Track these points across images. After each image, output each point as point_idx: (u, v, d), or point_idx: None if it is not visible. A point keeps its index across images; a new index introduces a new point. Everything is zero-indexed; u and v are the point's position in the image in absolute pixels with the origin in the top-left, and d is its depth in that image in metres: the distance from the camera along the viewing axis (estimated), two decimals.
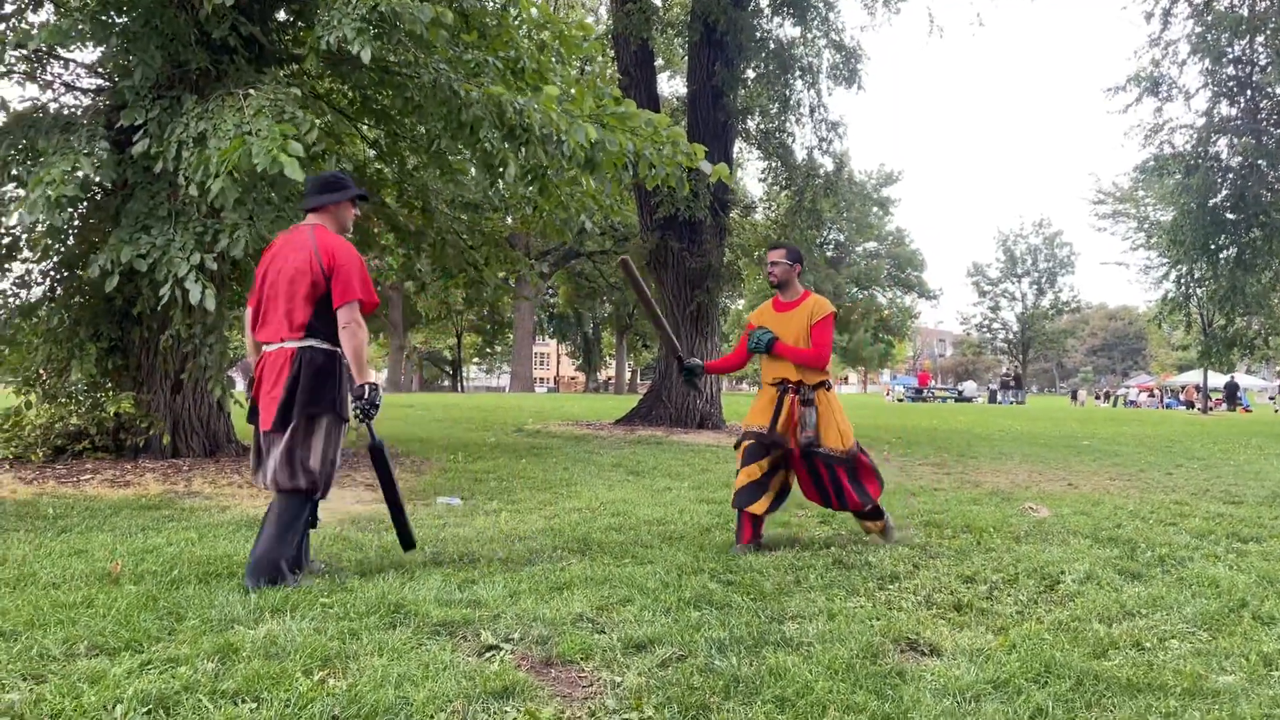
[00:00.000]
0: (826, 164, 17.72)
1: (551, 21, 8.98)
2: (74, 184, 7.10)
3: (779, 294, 5.72)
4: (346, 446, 10.57)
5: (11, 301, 9.12)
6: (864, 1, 30.06)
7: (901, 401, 46.44)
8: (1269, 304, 23.46)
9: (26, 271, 9.23)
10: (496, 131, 7.98)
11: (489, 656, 3.35)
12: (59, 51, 8.87)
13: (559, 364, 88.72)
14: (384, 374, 56.16)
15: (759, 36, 16.29)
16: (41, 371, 9.10)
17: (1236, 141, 21.05)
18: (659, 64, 22.76)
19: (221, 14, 8.04)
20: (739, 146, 20.90)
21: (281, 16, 9.68)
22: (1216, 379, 43.89)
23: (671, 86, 30.13)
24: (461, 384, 67.19)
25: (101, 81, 9.34)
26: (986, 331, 77.93)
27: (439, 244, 11.27)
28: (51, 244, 8.98)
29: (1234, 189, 21.31)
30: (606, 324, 63.55)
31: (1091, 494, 8.38)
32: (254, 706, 2.80)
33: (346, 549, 5.18)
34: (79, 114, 8.72)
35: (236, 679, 2.98)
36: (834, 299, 42.24)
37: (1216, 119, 21.39)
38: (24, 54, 8.70)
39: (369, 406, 4.36)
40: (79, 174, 7.23)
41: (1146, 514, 7.06)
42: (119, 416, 8.82)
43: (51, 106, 9.05)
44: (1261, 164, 20.64)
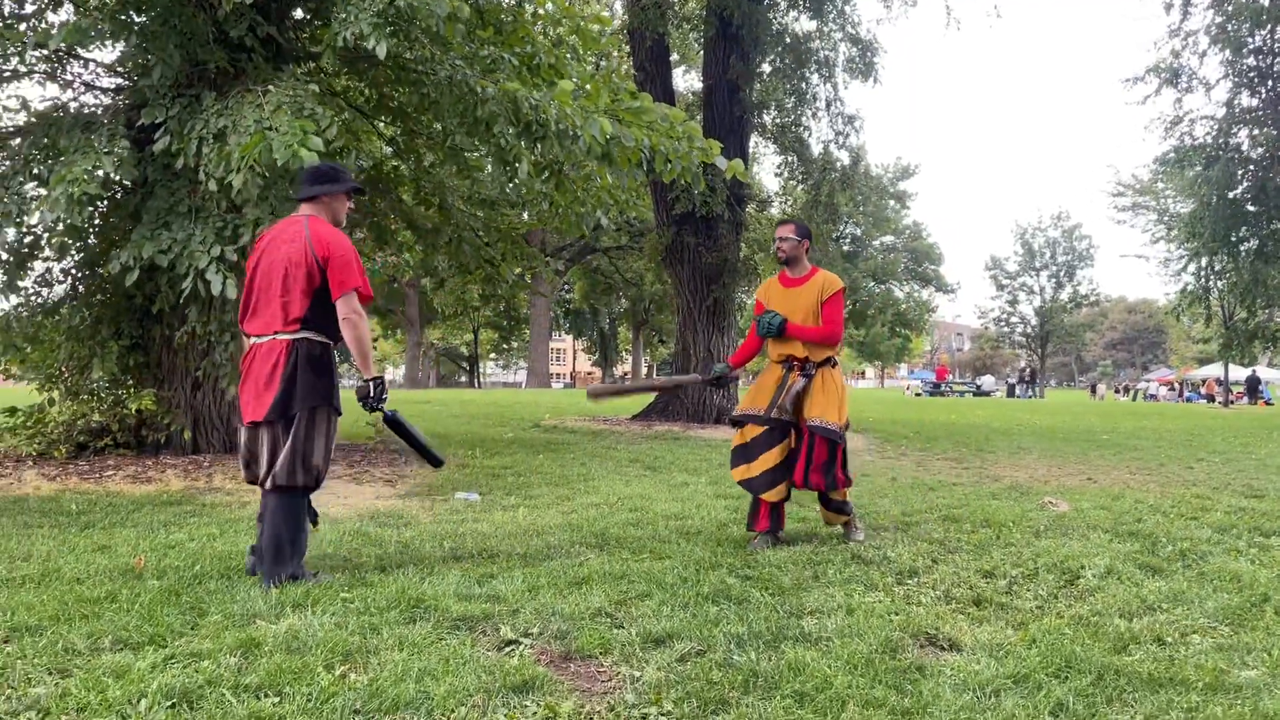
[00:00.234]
0: (843, 158, 17.64)
1: (568, 16, 8.97)
2: (95, 182, 7.16)
3: (786, 269, 5.62)
4: (365, 440, 10.64)
5: (34, 300, 9.21)
6: None
7: (919, 396, 46.26)
8: None
9: (48, 270, 9.32)
10: (512, 128, 7.99)
11: (508, 651, 3.36)
12: (79, 51, 8.93)
13: (575, 359, 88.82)
14: (402, 370, 56.39)
15: (774, 30, 16.23)
16: (64, 369, 9.19)
17: (1258, 132, 20.87)
18: (674, 59, 22.69)
19: (240, 13, 8.08)
20: (755, 141, 20.82)
21: (298, 15, 9.72)
22: (1238, 372, 43.51)
23: (687, 81, 30.04)
24: (478, 380, 67.36)
25: (121, 81, 9.40)
26: (1004, 325, 77.40)
27: (455, 240, 11.30)
28: (71, 243, 9.06)
29: (1255, 181, 21.12)
30: (622, 319, 63.55)
31: (1111, 488, 8.33)
32: (276, 700, 2.82)
33: (366, 544, 5.21)
34: (99, 113, 8.78)
35: (259, 673, 3.00)
36: (850, 293, 42.06)
37: (1237, 110, 21.20)
38: (45, 54, 8.78)
39: (376, 401, 4.35)
40: (99, 173, 7.29)
41: (1167, 508, 7.01)
42: (140, 413, 8.90)
43: (72, 106, 9.13)
44: None
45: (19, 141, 8.66)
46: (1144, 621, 3.86)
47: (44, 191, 7.74)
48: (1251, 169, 21.27)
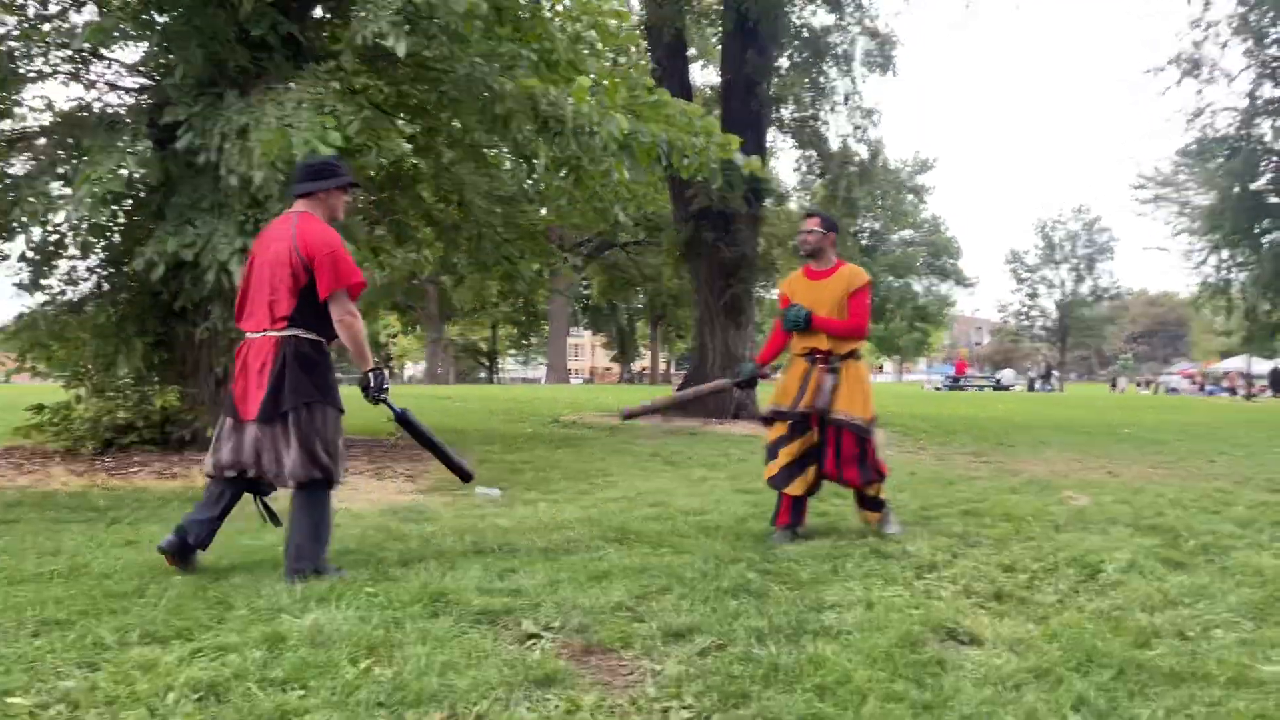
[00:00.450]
0: (861, 152, 17.62)
1: (587, 12, 8.98)
2: (119, 181, 7.23)
3: (811, 263, 5.58)
4: (386, 436, 10.70)
5: (60, 298, 9.30)
6: None
7: (939, 390, 46.04)
8: None
9: (73, 268, 9.41)
10: (530, 124, 8.01)
11: (530, 644, 3.39)
12: (102, 51, 9.01)
13: (593, 355, 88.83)
14: (421, 365, 56.53)
15: (792, 24, 16.19)
16: (90, 366, 9.28)
17: None
18: (691, 54, 22.64)
19: (261, 12, 8.13)
20: (772, 135, 20.78)
21: (318, 13, 9.77)
22: (1261, 365, 43.11)
23: (704, 76, 29.97)
24: (497, 376, 67.51)
25: (144, 80, 9.48)
26: (1024, 319, 76.88)
27: (475, 237, 11.33)
28: (95, 241, 9.14)
29: (1277, 172, 20.91)
30: (641, 314, 63.52)
31: (1132, 482, 8.29)
32: (302, 694, 2.85)
33: (388, 539, 5.25)
34: (123, 113, 8.86)
35: (284, 667, 3.04)
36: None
37: (1259, 101, 20.98)
38: (68, 54, 8.86)
39: (376, 392, 4.37)
40: (123, 172, 7.36)
41: (1189, 502, 6.97)
42: (165, 409, 8.98)
43: (96, 106, 9.21)
44: None
45: (44, 141, 8.76)
46: (1166, 616, 3.85)
47: (69, 191, 7.83)
48: (1274, 160, 21.08)
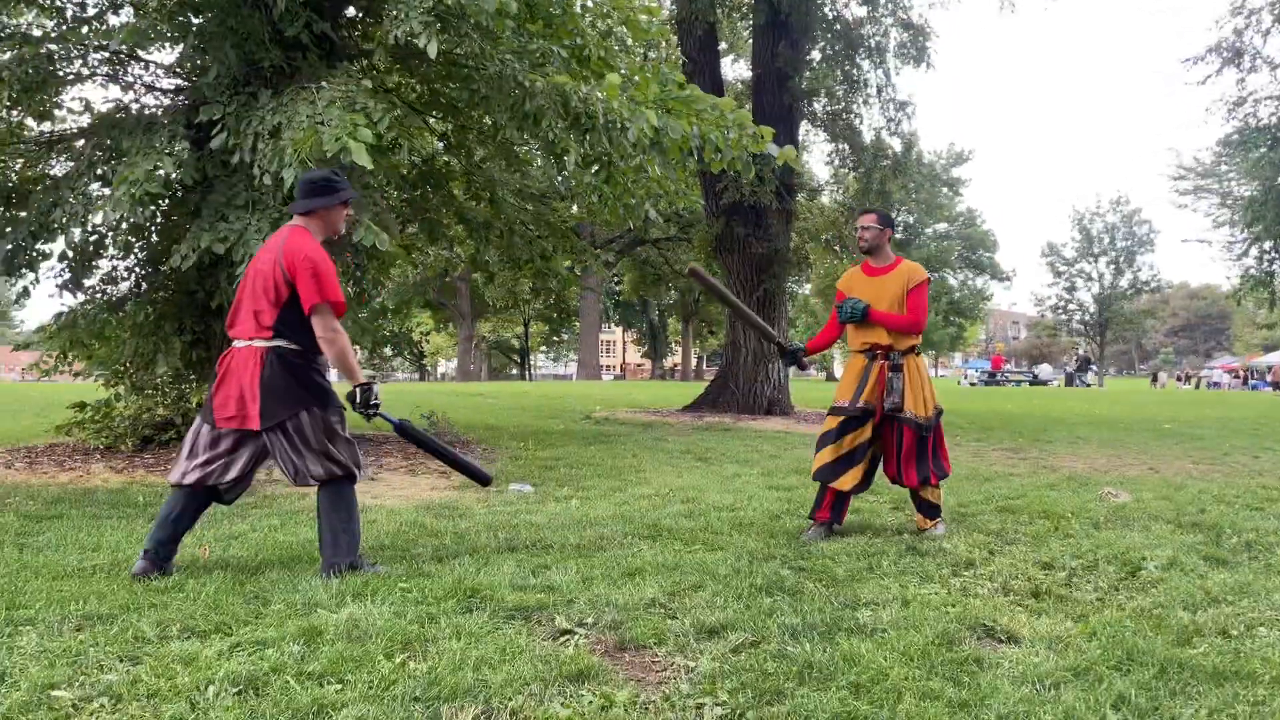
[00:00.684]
0: (895, 145, 17.46)
1: (617, 7, 8.97)
2: (156, 182, 7.32)
3: (869, 259, 5.59)
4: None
5: (99, 297, 9.45)
6: None
7: (975, 385, 45.62)
8: None
9: (113, 268, 9.56)
10: (561, 121, 8.02)
11: (564, 640, 3.39)
12: (139, 53, 9.13)
13: (625, 351, 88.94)
14: (454, 363, 56.86)
15: (825, 17, 16.08)
16: (129, 364, 9.42)
17: None
18: (722, 48, 22.58)
19: (294, 12, 8.20)
20: (805, 129, 20.68)
21: (350, 13, 9.84)
22: None
23: (735, 70, 29.90)
24: (529, 372, 67.79)
25: (180, 81, 9.60)
26: (1062, 313, 76.02)
27: (506, 234, 11.37)
28: (134, 241, 9.25)
29: None
30: (672, 311, 63.51)
31: (1173, 478, 8.16)
32: (338, 688, 2.88)
33: (423, 535, 5.28)
34: (159, 114, 8.98)
35: (321, 661, 3.06)
36: None
37: None
38: (106, 56, 8.98)
39: (366, 407, 4.37)
40: (160, 173, 7.46)
41: (1231, 498, 6.86)
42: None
43: (133, 107, 9.33)
44: None
45: (83, 143, 8.89)
46: (1208, 614, 3.78)
47: (108, 191, 7.94)
48: None
